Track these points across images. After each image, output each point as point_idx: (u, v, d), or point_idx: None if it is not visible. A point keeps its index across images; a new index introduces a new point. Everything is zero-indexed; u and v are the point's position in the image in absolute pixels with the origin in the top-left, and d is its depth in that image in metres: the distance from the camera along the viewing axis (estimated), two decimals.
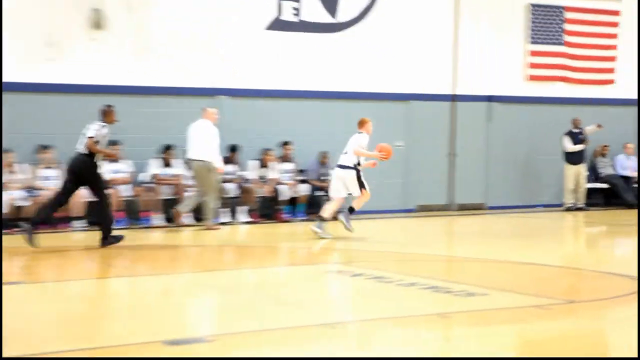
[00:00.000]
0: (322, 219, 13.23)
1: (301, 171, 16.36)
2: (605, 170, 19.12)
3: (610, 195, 19.13)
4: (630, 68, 19.46)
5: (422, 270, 10.43)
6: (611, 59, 19.31)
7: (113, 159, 13.94)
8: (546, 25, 18.57)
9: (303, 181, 16.22)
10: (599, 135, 18.70)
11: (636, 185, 19.06)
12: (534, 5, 18.47)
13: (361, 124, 13.57)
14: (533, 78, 18.61)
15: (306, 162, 16.36)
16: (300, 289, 9.40)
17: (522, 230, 15.22)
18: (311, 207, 16.08)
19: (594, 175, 19.05)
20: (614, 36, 19.28)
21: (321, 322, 7.35)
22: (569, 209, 18.05)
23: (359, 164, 13.19)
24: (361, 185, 13.15)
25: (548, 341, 6.83)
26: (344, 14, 16.92)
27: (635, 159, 19.28)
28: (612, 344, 7.07)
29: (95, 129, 11.68)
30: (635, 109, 19.62)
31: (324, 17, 16.78)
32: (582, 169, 18.22)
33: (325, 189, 16.18)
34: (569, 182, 18.13)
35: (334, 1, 16.83)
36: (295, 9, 16.51)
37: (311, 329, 7.12)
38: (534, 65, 18.57)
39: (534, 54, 18.54)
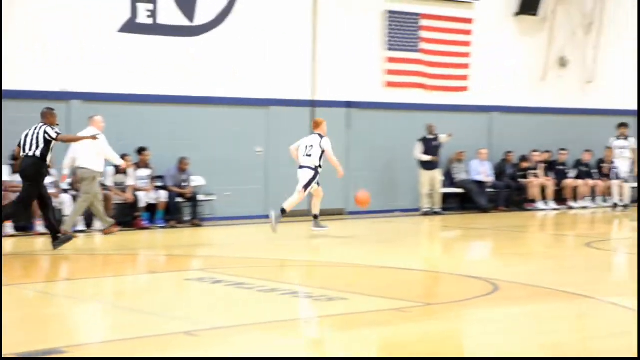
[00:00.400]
0: (316, 217, 14.39)
1: (159, 177, 16.08)
2: (460, 175, 19.60)
3: (465, 199, 19.63)
4: (482, 75, 20.05)
5: (283, 276, 10.39)
6: (465, 66, 19.83)
7: None
8: (402, 32, 18.90)
9: (161, 187, 15.94)
10: (453, 141, 19.16)
11: (490, 190, 19.63)
12: (390, 12, 18.76)
13: (317, 125, 14.31)
14: (390, 85, 18.89)
15: (165, 168, 16.08)
16: (160, 297, 9.20)
17: (381, 235, 15.40)
18: (170, 213, 15.82)
19: (449, 181, 19.50)
20: (467, 44, 19.81)
21: (181, 330, 7.18)
22: (425, 214, 18.41)
23: (320, 166, 14.02)
24: (306, 186, 13.95)
25: (408, 343, 6.89)
26: (201, 17, 16.73)
27: (488, 164, 19.85)
28: (469, 344, 7.20)
29: (51, 130, 12.01)
30: (488, 115, 20.24)
31: (181, 21, 16.54)
32: (437, 175, 18.61)
33: (184, 196, 15.98)
34: (424, 187, 18.49)
35: (191, 4, 16.62)
36: (150, 11, 16.20)
37: (170, 337, 6.96)
38: (391, 72, 18.86)
39: (391, 60, 18.83)
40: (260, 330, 7.29)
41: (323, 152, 14.17)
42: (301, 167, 14.26)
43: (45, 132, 12.04)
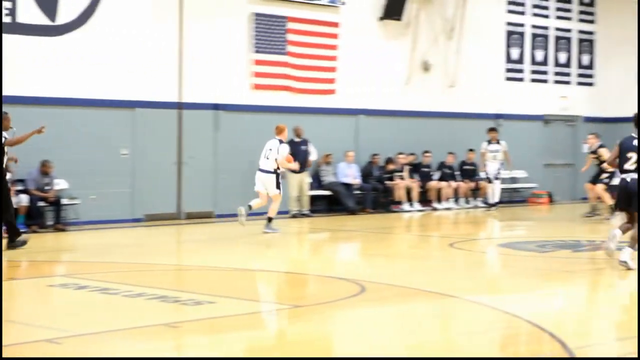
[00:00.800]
0: (270, 220, 15.22)
1: (20, 181, 15.57)
2: (328, 178, 19.76)
3: (333, 202, 19.81)
4: (349, 78, 20.28)
5: (150, 280, 10.21)
6: (332, 69, 20.01)
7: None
8: (269, 35, 18.92)
9: (22, 191, 15.45)
10: (321, 143, 19.33)
11: (357, 192, 19.87)
12: (257, 15, 18.74)
13: (280, 131, 15.35)
14: (258, 87, 18.88)
15: (26, 171, 15.57)
16: (21, 304, 8.89)
17: (250, 238, 15.34)
18: (31, 218, 15.35)
19: (317, 183, 19.64)
20: (334, 47, 20.00)
21: (43, 337, 6.96)
22: (294, 216, 18.48)
23: (278, 168, 15.05)
24: (278, 187, 15.09)
25: (276, 346, 6.89)
26: (63, 16, 16.29)
27: (355, 167, 20.09)
28: (337, 345, 7.24)
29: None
30: (354, 118, 20.48)
31: (42, 20, 16.06)
32: (304, 177, 18.72)
33: (47, 199, 15.53)
34: (293, 190, 18.56)
35: (53, 3, 16.16)
36: (8, 9, 15.67)
37: (33, 345, 6.73)
38: (258, 74, 18.84)
39: (258, 63, 18.81)
40: (126, 336, 7.14)
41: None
42: (261, 170, 15.29)
43: None
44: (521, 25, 23.76)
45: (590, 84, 25.41)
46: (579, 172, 24.79)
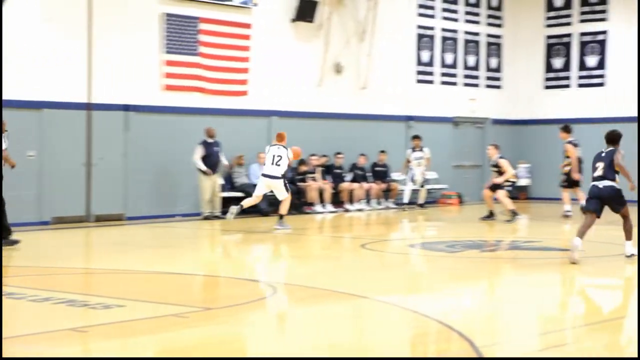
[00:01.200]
0: (281, 217, 16.10)
1: None
2: (240, 179, 19.69)
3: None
4: (262, 80, 20.25)
5: (57, 285, 10.00)
6: (244, 70, 19.96)
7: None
8: (181, 36, 18.76)
9: None
10: (234, 145, 19.27)
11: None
12: (168, 15, 18.56)
13: (282, 137, 16.32)
14: (169, 88, 18.70)
15: None
16: None
17: (161, 240, 15.20)
18: None
19: (229, 184, 19.55)
20: (246, 48, 19.95)
21: None
22: (206, 218, 18.36)
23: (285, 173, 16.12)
24: (287, 190, 16.15)
25: (187, 348, 6.83)
26: None
27: None
28: (248, 347, 7.22)
29: (4, 141, 12.94)
30: (267, 120, 20.47)
31: None
32: (216, 179, 18.63)
33: None
34: (205, 191, 18.44)
35: None
36: None
37: None
38: (169, 75, 18.67)
39: (170, 63, 18.64)
40: (31, 341, 6.98)
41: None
42: (267, 175, 16.08)
43: None
44: (431, 28, 24.10)
45: (498, 87, 25.92)
46: (486, 173, 25.30)
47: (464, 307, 8.91)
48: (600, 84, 24.72)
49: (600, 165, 11.93)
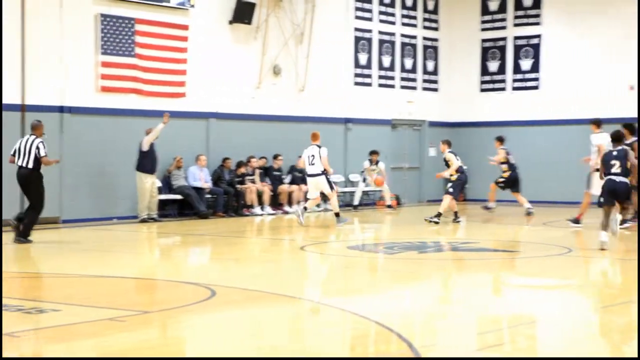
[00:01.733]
0: (338, 215, 17.55)
1: None
2: (178, 181, 19.54)
3: (184, 206, 19.61)
4: (200, 82, 20.14)
5: None
6: (182, 72, 19.82)
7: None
8: (117, 36, 18.55)
9: None
10: (172, 147, 19.12)
11: (208, 196, 19.74)
12: (103, 15, 18.34)
13: (316, 137, 17.77)
14: (105, 89, 18.47)
15: None
16: None
17: (97, 243, 15.00)
18: None
19: (168, 187, 19.39)
20: (184, 50, 19.81)
21: None
22: (144, 221, 18.18)
23: (324, 170, 17.30)
24: (331, 186, 17.50)
25: (124, 352, 6.74)
26: None
27: (206, 170, 19.96)
28: (187, 350, 7.16)
29: (42, 147, 14.02)
30: (205, 122, 20.36)
31: None
32: (154, 181, 18.46)
33: None
34: (143, 194, 18.25)
35: None
36: None
37: None
38: (105, 77, 18.43)
39: (106, 65, 18.41)
40: None
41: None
42: (310, 175, 17.55)
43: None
44: (369, 31, 24.22)
45: (435, 90, 26.16)
46: (424, 175, 25.52)
47: (403, 309, 8.96)
48: (535, 87, 25.10)
49: (617, 163, 13.37)
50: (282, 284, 10.30)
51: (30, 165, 14.09)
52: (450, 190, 18.54)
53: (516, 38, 25.45)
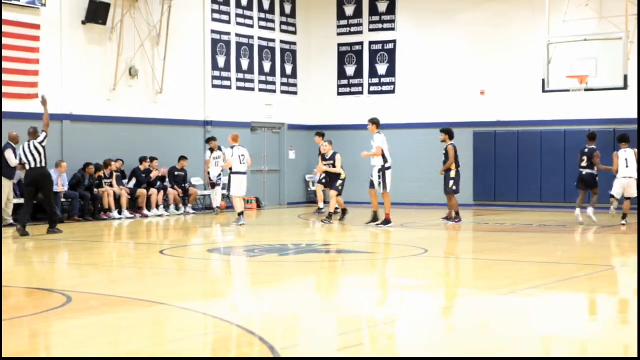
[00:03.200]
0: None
1: None
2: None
3: (38, 210, 19.00)
4: (53, 83, 19.60)
5: None
6: (34, 73, 19.24)
7: None
8: None
9: None
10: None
11: (64, 200, 19.20)
12: None
13: (237, 138, 18.81)
14: None
15: None
16: None
17: None
18: None
19: (20, 191, 18.77)
20: (36, 50, 19.24)
21: None
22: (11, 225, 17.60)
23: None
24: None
25: None
26: None
27: (65, 175, 19.43)
28: (42, 357, 6.95)
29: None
30: (59, 124, 19.83)
31: None
32: (11, 185, 17.88)
33: None
34: (3, 197, 17.66)
35: None
36: None
37: None
38: None
39: None
40: None
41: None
42: (243, 172, 18.48)
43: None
44: (227, 34, 24.16)
45: (293, 93, 26.33)
46: (284, 178, 25.66)
47: (264, 311, 8.96)
48: (391, 91, 25.62)
49: (585, 158, 18.34)
50: (141, 288, 10.13)
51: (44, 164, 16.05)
52: (339, 187, 19.01)
53: (372, 43, 25.91)
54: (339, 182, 19.16)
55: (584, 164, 18.40)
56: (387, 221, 17.92)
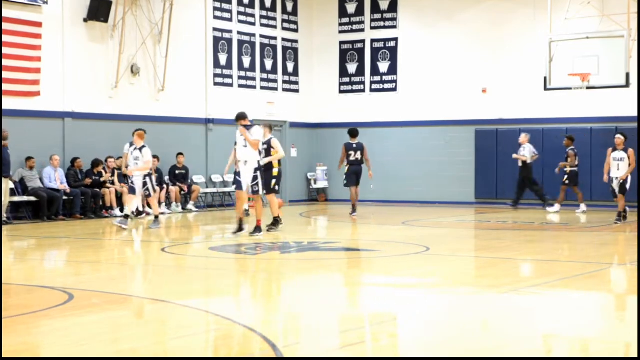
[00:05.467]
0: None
1: None
2: (33, 183, 18.95)
3: (39, 208, 19.02)
4: (55, 80, 19.60)
5: None
6: (36, 70, 19.24)
7: None
8: None
9: None
10: (26, 147, 18.56)
11: (65, 197, 19.21)
12: None
13: (142, 136, 17.14)
14: None
15: None
16: None
17: None
18: None
19: (22, 189, 18.78)
20: (37, 48, 19.24)
21: None
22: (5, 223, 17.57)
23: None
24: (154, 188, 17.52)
25: None
26: None
27: (62, 171, 19.43)
28: (44, 355, 6.95)
29: None
30: (61, 121, 19.85)
31: None
32: (8, 183, 17.85)
33: None
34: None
35: None
36: None
37: None
38: None
39: None
40: None
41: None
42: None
43: None
44: (229, 31, 24.15)
45: (295, 91, 26.32)
46: (286, 175, 25.67)
47: (266, 309, 8.96)
48: (393, 89, 25.61)
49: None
50: (143, 286, 10.13)
51: None
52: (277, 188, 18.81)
53: (373, 41, 25.90)
54: (273, 180, 16.26)
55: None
56: (258, 228, 15.45)
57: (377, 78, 25.88)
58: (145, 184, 17.16)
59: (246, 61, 24.67)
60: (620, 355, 6.83)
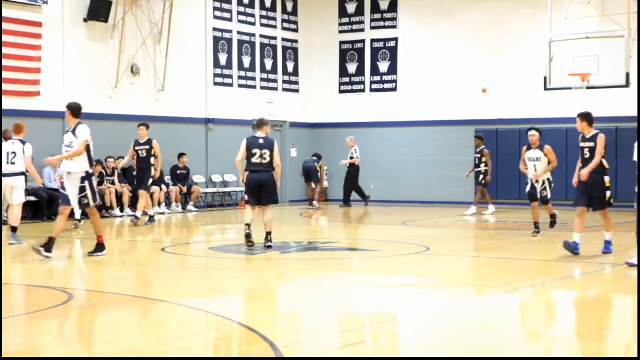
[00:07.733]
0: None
1: None
2: (33, 183, 18.95)
3: (39, 208, 19.03)
4: (55, 80, 19.61)
5: None
6: (36, 70, 19.24)
7: None
8: None
9: None
10: None
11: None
12: None
13: (21, 129, 14.49)
14: None
15: None
16: None
17: None
18: None
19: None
20: (38, 48, 19.24)
21: None
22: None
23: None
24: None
25: None
26: None
27: (60, 171, 19.41)
28: (46, 355, 6.96)
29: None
30: (60, 122, 19.84)
31: None
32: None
33: None
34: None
35: None
36: None
37: None
38: None
39: None
40: None
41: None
42: (7, 174, 14.47)
43: None
44: (229, 31, 24.15)
45: (295, 91, 26.33)
46: (286, 175, 25.65)
47: (265, 309, 8.96)
48: (393, 89, 25.62)
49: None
50: (142, 286, 10.13)
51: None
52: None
53: (374, 41, 25.90)
54: (150, 179, 16.90)
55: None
56: (101, 246, 12.83)
57: (377, 78, 25.88)
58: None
59: (246, 61, 24.67)
60: (620, 355, 6.83)
